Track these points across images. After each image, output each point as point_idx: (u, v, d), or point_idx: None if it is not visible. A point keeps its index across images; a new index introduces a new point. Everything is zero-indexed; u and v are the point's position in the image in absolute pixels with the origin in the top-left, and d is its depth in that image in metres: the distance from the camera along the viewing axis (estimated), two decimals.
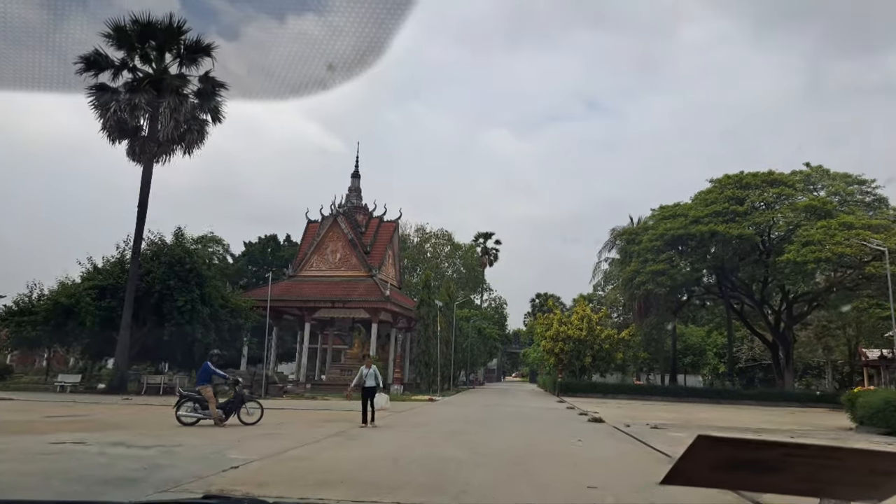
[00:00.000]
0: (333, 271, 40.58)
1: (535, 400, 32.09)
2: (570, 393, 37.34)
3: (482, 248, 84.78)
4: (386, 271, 42.62)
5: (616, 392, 37.10)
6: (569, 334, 37.54)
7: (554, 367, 43.64)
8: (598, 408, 24.63)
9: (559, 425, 16.81)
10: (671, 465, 1.30)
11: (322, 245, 41.30)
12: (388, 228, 43.54)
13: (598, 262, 46.11)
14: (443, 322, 41.41)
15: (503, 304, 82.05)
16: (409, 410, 20.53)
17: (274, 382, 27.93)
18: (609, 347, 37.30)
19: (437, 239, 65.55)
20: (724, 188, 36.66)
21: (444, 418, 17.89)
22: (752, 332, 42.14)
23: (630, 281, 37.28)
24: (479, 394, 40.26)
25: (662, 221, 37.60)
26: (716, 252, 34.95)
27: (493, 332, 55.57)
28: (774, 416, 24.70)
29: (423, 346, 37.30)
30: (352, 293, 37.65)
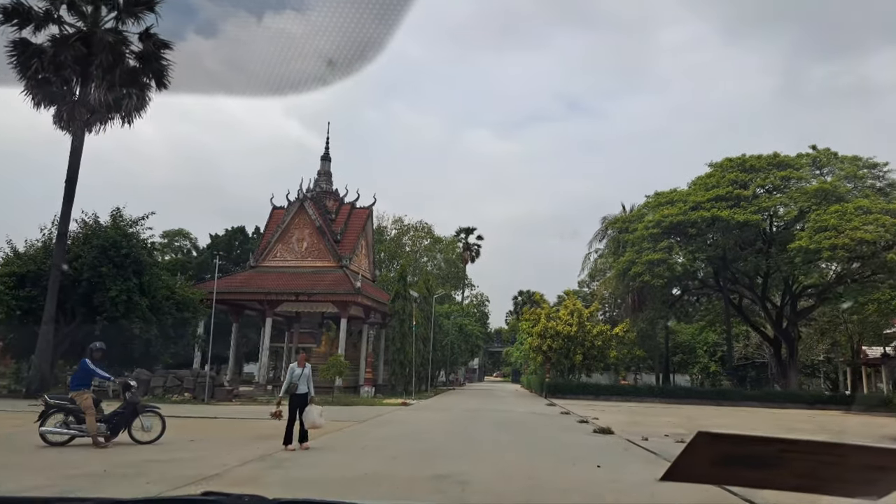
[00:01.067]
0: (299, 261, 36.86)
1: (523, 403, 28.79)
2: (558, 394, 34.13)
3: (464, 244, 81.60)
4: (358, 262, 38.99)
5: (608, 393, 33.98)
6: (557, 330, 34.31)
7: (541, 366, 40.39)
8: (594, 412, 21.40)
9: (561, 439, 13.43)
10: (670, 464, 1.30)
11: (287, 233, 37.53)
12: (361, 216, 39.90)
13: (588, 254, 43.06)
14: (420, 317, 37.92)
15: (485, 300, 78.83)
16: (375, 419, 17.01)
17: (220, 385, 24.17)
18: (601, 344, 34.15)
19: (416, 232, 61.97)
20: (726, 172, 33.77)
21: (415, 430, 14.40)
22: (752, 328, 39.39)
23: (625, 272, 34.18)
24: (460, 395, 36.83)
25: (659, 208, 34.59)
26: (717, 240, 31.99)
27: (476, 329, 52.24)
28: (794, 421, 21.70)
29: (398, 344, 33.79)
30: (318, 285, 33.97)
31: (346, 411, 18.68)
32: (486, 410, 21.89)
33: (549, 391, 34.49)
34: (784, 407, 30.91)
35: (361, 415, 17.62)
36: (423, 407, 23.35)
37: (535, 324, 36.23)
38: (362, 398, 28.81)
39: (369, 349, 41.22)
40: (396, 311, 34.06)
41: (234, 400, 23.66)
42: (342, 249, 37.46)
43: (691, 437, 1.23)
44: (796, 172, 32.00)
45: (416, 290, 39.85)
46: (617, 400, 33.09)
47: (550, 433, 14.63)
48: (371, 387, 31.34)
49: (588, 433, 14.13)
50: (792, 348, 35.58)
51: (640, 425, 16.15)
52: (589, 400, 33.15)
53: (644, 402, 32.66)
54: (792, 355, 35.65)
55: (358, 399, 27.21)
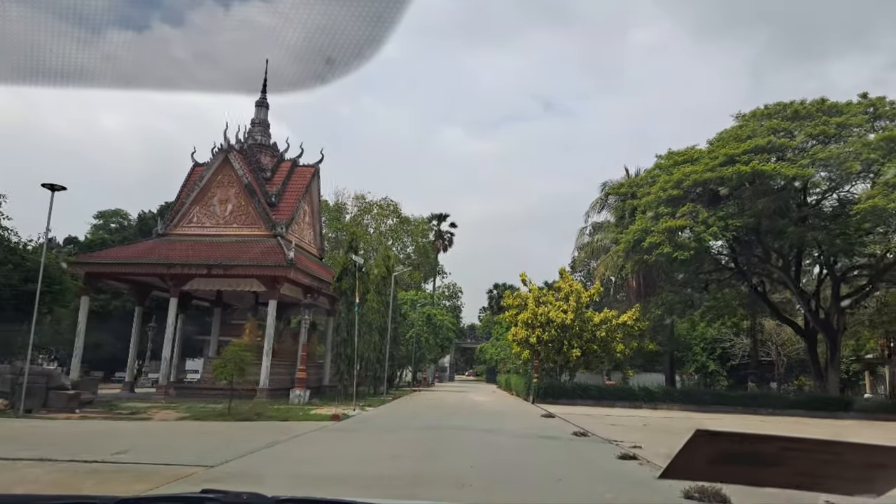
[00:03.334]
0: (222, 228, 28.79)
1: (509, 413, 21.27)
2: (549, 398, 26.78)
3: (436, 232, 74.12)
4: (299, 232, 31.05)
5: (612, 397, 26.73)
6: (550, 317, 26.92)
7: (525, 364, 32.99)
8: (616, 429, 14.12)
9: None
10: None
11: (207, 192, 29.38)
12: (304, 175, 31.94)
13: (583, 228, 35.69)
14: (376, 302, 30.17)
15: (458, 291, 71.42)
16: (247, 457, 9.14)
17: (60, 387, 16.01)
18: (605, 336, 26.89)
19: (381, 210, 54.02)
20: (764, 120, 26.84)
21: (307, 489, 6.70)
22: (780, 318, 32.64)
23: (635, 245, 26.97)
24: (425, 400, 29.14)
25: (676, 168, 27.48)
26: (756, 204, 24.98)
27: (446, 320, 44.74)
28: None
29: (344, 334, 25.98)
30: (240, 256, 25.99)
31: (219, 437, 10.91)
32: (458, 429, 14.26)
33: (538, 395, 27.13)
34: (836, 416, 24.12)
35: (242, 443, 9.91)
36: (363, 422, 15.60)
37: (521, 310, 28.80)
38: (289, 406, 20.99)
39: (315, 342, 33.28)
40: (344, 293, 26.27)
41: (79, 411, 15.58)
42: (278, 215, 29.52)
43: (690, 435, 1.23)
44: (854, 118, 25.19)
45: (375, 268, 32.06)
46: (625, 406, 25.90)
47: (589, 490, 7.14)
48: (304, 390, 23.48)
49: (665, 490, 6.61)
50: (834, 342, 28.86)
51: None
52: (588, 406, 25.87)
53: (659, 408, 25.54)
54: (833, 351, 28.93)
55: (278, 409, 19.38)
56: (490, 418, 18.02)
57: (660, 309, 26.82)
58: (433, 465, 8.67)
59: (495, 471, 8.43)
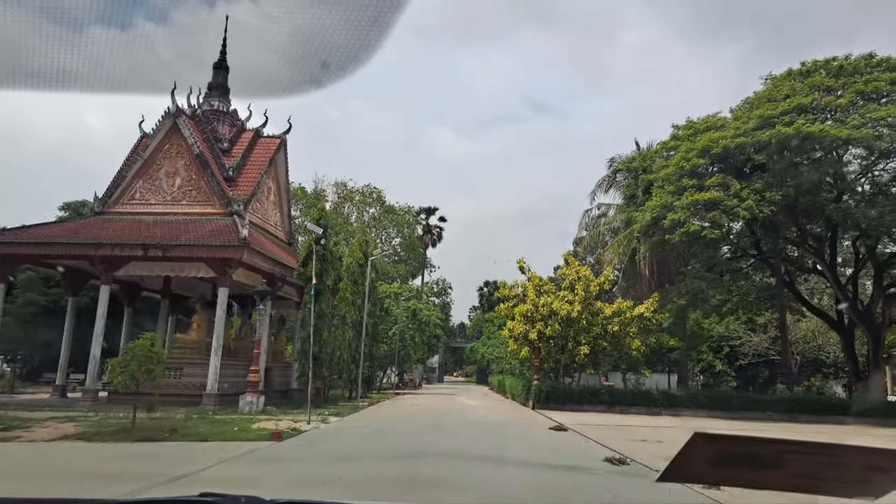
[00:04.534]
0: (169, 205, 24.53)
1: (510, 424, 17.10)
2: (552, 404, 22.79)
3: (424, 226, 70.09)
4: (261, 212, 26.85)
5: (625, 402, 22.79)
6: (553, 309, 22.89)
7: (524, 364, 29.00)
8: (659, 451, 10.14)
9: None
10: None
11: (152, 164, 25.11)
12: (268, 147, 27.74)
13: (588, 210, 31.64)
14: (351, 293, 26.02)
15: (447, 287, 67.40)
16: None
17: None
18: (618, 331, 22.90)
19: (363, 197, 49.73)
20: (804, 78, 23.00)
21: None
22: (811, 310, 28.89)
23: (652, 225, 23.05)
24: (407, 406, 25.00)
25: (699, 136, 23.60)
26: (798, 174, 21.13)
27: (435, 316, 40.65)
28: None
29: (310, 329, 21.73)
30: (185, 235, 21.76)
31: (69, 474, 6.77)
32: (445, 457, 10.07)
33: (539, 399, 23.12)
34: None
35: (85, 489, 5.83)
36: (311, 445, 11.32)
37: (519, 301, 24.75)
38: (232, 417, 16.79)
39: (283, 340, 29.08)
40: (310, 280, 22.05)
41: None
42: (236, 191, 25.30)
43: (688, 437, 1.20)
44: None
45: (350, 254, 27.89)
46: (640, 412, 21.96)
47: None
48: (257, 396, 19.26)
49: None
50: (876, 338, 25.14)
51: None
52: (598, 412, 21.91)
53: (681, 414, 21.59)
54: (876, 348, 25.20)
55: (215, 420, 15.16)
56: (487, 434, 13.91)
57: (683, 298, 22.84)
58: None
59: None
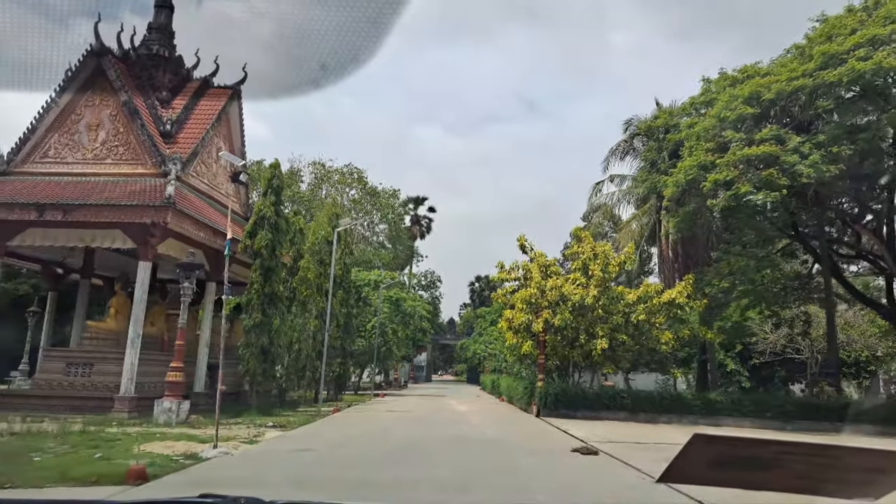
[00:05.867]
0: (91, 164, 19.81)
1: (516, 443, 12.40)
2: (563, 410, 18.39)
3: (413, 216, 65.81)
4: (209, 177, 22.17)
5: (653, 409, 18.39)
6: (563, 293, 18.43)
7: (522, 361, 24.58)
8: None
9: None
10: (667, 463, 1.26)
11: (70, 114, 20.35)
12: (217, 99, 23.01)
13: (600, 183, 26.91)
14: (315, 274, 21.40)
15: (436, 280, 62.96)
16: None
17: None
18: (643, 320, 18.46)
19: (342, 177, 44.96)
20: (873, 10, 18.68)
21: None
22: (861, 300, 24.68)
23: (685, 192, 18.65)
24: (381, 414, 20.37)
25: (741, 85, 19.24)
26: (877, 123, 16.84)
27: (421, 307, 36.15)
28: None
29: (257, 316, 17.10)
30: (96, 196, 17.08)
31: None
32: None
33: (545, 404, 18.69)
34: None
35: None
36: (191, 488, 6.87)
37: (521, 285, 20.31)
38: (144, 427, 12.17)
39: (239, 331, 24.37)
40: (258, 253, 17.43)
41: None
42: (177, 148, 20.62)
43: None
44: None
45: (317, 227, 23.30)
46: (671, 421, 17.60)
47: None
48: (177, 401, 14.59)
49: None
50: None
51: None
52: (622, 422, 17.54)
53: (722, 424, 17.24)
54: None
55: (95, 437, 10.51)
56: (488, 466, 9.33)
57: (725, 280, 18.41)
58: None
59: None
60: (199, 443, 9.73)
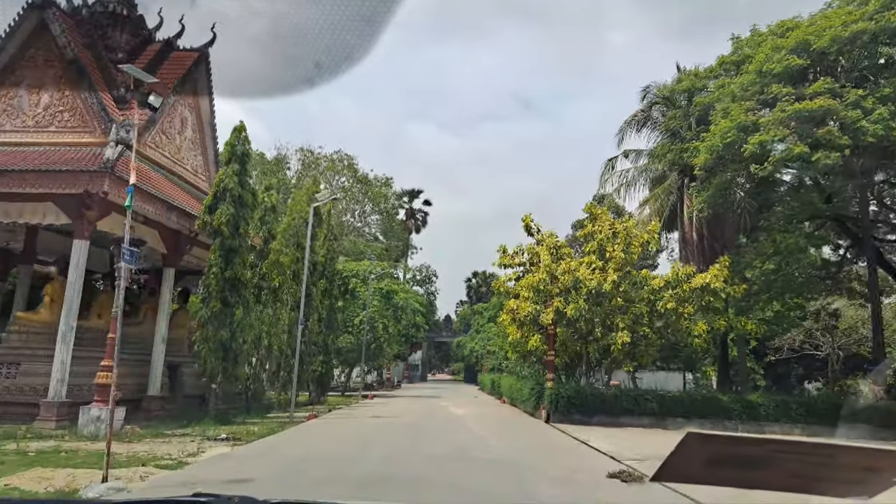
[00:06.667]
0: (31, 133, 17.19)
1: (535, 463, 9.79)
2: (577, 415, 15.77)
3: (407, 210, 63.21)
4: (171, 150, 19.50)
5: (686, 412, 15.73)
6: (578, 277, 15.74)
7: (526, 358, 21.91)
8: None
9: None
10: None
11: (8, 76, 17.67)
12: (181, 63, 20.30)
13: (613, 160, 24.15)
14: (291, 259, 18.69)
15: (432, 275, 60.32)
16: None
17: None
18: (674, 309, 15.76)
19: (332, 164, 42.18)
20: None
21: None
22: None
23: (718, 161, 15.98)
24: (367, 420, 17.68)
25: (788, 35, 16.54)
26: None
27: (414, 300, 33.46)
28: None
29: (216, 304, 14.35)
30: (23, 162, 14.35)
31: None
32: None
33: (556, 409, 16.04)
34: None
35: None
36: None
37: (529, 269, 17.64)
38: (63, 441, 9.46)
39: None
40: (218, 231, 14.71)
41: None
42: (129, 115, 17.91)
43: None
44: None
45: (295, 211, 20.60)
46: (709, 428, 15.04)
47: None
48: (107, 407, 11.81)
49: None
50: None
51: None
52: (648, 429, 14.90)
53: (770, 431, 14.63)
54: None
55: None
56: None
57: (770, 261, 15.70)
58: None
59: None
60: (100, 469, 7.04)
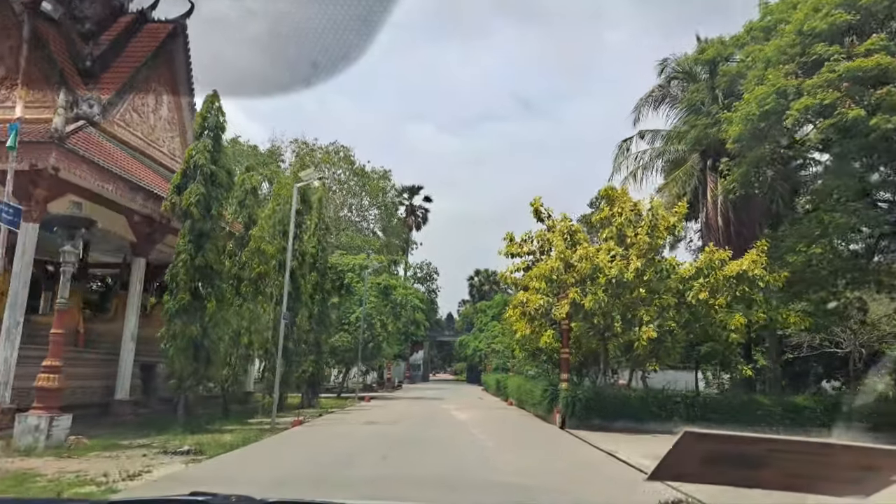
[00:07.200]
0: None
1: (566, 489, 8.01)
2: (597, 421, 13.99)
3: (407, 207, 61.42)
4: (143, 130, 17.71)
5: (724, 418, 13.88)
6: (597, 264, 13.89)
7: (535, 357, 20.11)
8: None
9: None
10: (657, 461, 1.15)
11: None
12: (154, 36, 18.50)
13: (628, 140, 22.17)
14: (277, 249, 16.89)
15: (433, 272, 58.53)
16: None
17: None
18: (706, 299, 13.89)
19: (327, 156, 40.35)
20: None
21: None
22: None
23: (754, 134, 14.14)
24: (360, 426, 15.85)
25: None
26: None
27: (414, 296, 31.66)
28: None
29: (187, 297, 12.53)
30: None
31: None
32: None
33: (573, 413, 14.24)
34: None
35: None
36: None
37: (539, 257, 15.83)
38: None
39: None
40: (187, 213, 12.87)
41: None
42: (97, 89, 16.20)
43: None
44: None
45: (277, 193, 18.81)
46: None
47: None
48: (47, 415, 9.92)
49: None
50: None
51: None
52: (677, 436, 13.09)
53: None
54: None
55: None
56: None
57: (818, 245, 13.81)
58: None
59: None
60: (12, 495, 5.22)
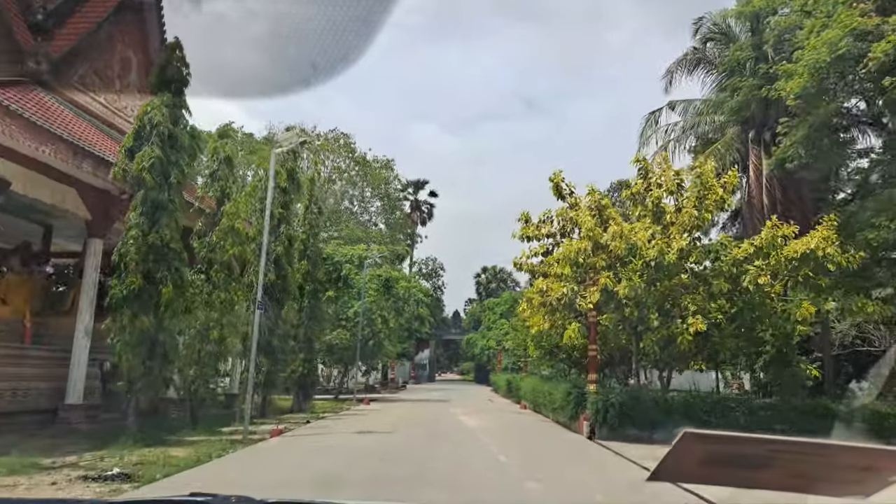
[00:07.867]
0: None
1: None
2: (632, 431, 11.75)
3: (412, 202, 59.41)
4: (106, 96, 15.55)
5: (792, 427, 11.57)
6: (633, 242, 11.62)
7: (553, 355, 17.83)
8: None
9: None
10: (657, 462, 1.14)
11: None
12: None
13: (656, 112, 19.80)
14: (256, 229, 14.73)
15: (439, 268, 56.30)
16: None
17: None
18: (763, 284, 11.59)
19: (326, 143, 38.15)
20: None
21: None
22: None
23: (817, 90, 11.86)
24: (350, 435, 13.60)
25: None
26: None
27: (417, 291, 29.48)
28: None
29: (139, 281, 10.34)
30: None
31: None
32: None
33: (604, 420, 11.98)
34: None
35: None
36: None
37: (560, 243, 13.59)
38: None
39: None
40: (139, 181, 10.72)
41: None
42: (48, 43, 14.08)
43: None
44: None
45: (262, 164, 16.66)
46: None
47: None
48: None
49: None
50: None
51: None
52: None
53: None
54: None
55: None
56: None
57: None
58: None
59: None
60: None
